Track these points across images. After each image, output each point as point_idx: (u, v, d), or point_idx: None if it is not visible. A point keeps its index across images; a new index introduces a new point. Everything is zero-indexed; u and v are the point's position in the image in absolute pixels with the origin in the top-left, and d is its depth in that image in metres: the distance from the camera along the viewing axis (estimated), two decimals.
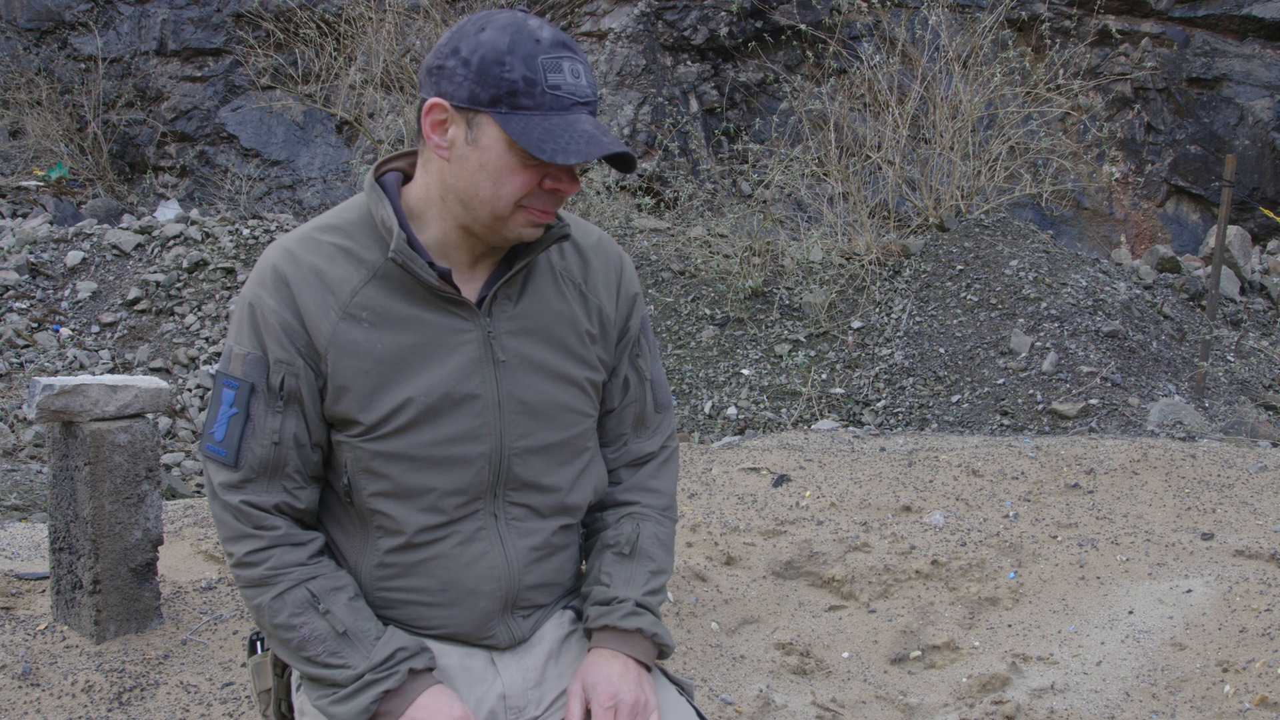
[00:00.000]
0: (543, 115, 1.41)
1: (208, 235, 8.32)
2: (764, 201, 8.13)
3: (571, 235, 1.63)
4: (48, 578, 3.06)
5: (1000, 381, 6.04)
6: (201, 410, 6.91)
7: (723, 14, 10.51)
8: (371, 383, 1.50)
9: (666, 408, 1.79)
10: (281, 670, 1.67)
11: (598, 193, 8.48)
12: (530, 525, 1.61)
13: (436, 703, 1.46)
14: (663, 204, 9.53)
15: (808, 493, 4.15)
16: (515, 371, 1.56)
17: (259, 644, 1.69)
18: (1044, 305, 6.53)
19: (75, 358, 7.33)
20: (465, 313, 1.54)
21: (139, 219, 9.43)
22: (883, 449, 4.60)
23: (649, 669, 1.62)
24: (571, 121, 1.42)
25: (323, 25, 10.28)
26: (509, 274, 1.55)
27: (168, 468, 6.21)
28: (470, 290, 1.56)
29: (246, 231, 8.31)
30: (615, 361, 1.70)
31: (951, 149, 8.13)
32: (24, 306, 7.77)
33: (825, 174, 8.09)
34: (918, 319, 6.76)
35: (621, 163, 1.48)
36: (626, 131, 10.36)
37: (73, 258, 8.17)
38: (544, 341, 1.59)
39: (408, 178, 1.58)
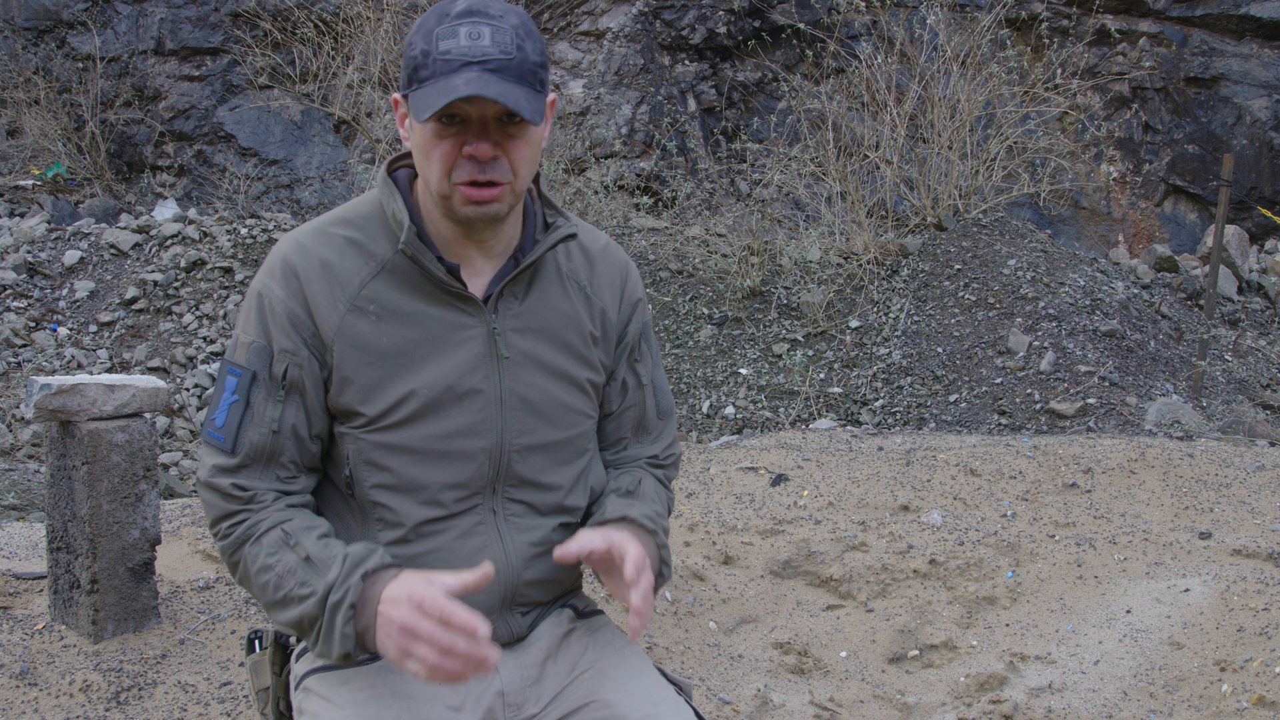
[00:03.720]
0: (434, 82, 1.41)
1: (205, 234, 8.32)
2: (762, 201, 8.13)
3: (579, 238, 1.65)
4: (45, 577, 3.05)
5: (998, 381, 6.05)
6: (199, 410, 6.91)
7: (721, 13, 10.51)
8: (376, 375, 1.51)
9: (669, 415, 1.79)
10: (280, 668, 1.67)
11: (595, 192, 8.48)
12: (528, 522, 1.61)
13: (396, 592, 1.38)
14: (661, 203, 9.53)
15: (805, 492, 4.15)
16: (518, 369, 1.57)
17: (257, 642, 1.70)
18: (1042, 305, 6.53)
19: (73, 357, 7.33)
20: (471, 308, 1.55)
21: (137, 218, 9.42)
22: (880, 448, 4.61)
23: None
24: (453, 80, 1.40)
25: (320, 24, 10.28)
26: (515, 271, 1.56)
27: (165, 467, 6.21)
28: (477, 286, 1.57)
29: (244, 231, 8.30)
30: (614, 365, 1.71)
31: (950, 148, 8.13)
32: (22, 306, 7.77)
33: (823, 173, 8.09)
34: (915, 318, 6.76)
35: (512, 106, 1.40)
36: (625, 131, 10.36)
37: (70, 257, 8.17)
38: (548, 340, 1.60)
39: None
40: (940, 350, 6.42)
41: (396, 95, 1.50)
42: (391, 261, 1.52)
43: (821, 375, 6.53)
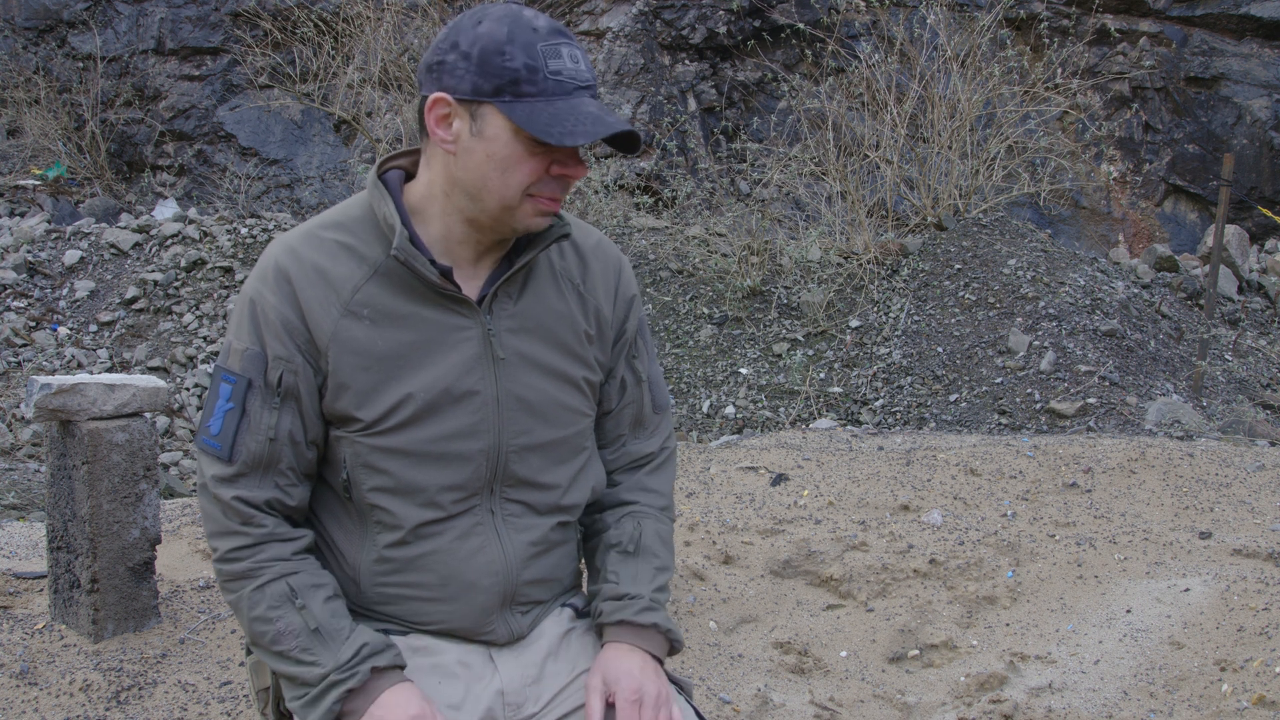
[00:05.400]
0: (546, 101, 1.42)
1: (206, 234, 8.32)
2: (762, 201, 8.13)
3: (572, 236, 1.64)
4: (45, 577, 3.05)
5: (998, 380, 6.05)
6: (199, 409, 6.90)
7: (721, 13, 10.51)
8: (372, 380, 1.51)
9: (665, 409, 1.79)
10: None
11: (596, 192, 8.48)
12: (526, 522, 1.61)
13: (397, 699, 1.46)
14: (661, 203, 9.53)
15: (805, 492, 4.15)
16: (514, 369, 1.57)
17: None
18: (1042, 304, 6.53)
19: (73, 357, 7.33)
20: (466, 310, 1.54)
21: (137, 218, 9.42)
22: (881, 448, 4.60)
23: (661, 663, 1.63)
24: (575, 105, 1.43)
25: (321, 24, 10.27)
26: (510, 272, 1.56)
27: (165, 466, 6.21)
28: (471, 288, 1.57)
29: (244, 230, 8.30)
30: (612, 363, 1.71)
31: (950, 148, 8.13)
32: (22, 305, 7.77)
33: (823, 173, 8.08)
34: (916, 318, 6.76)
35: (627, 143, 1.48)
36: None
37: (70, 257, 8.17)
38: (543, 340, 1.60)
39: (410, 175, 1.58)
40: (940, 350, 6.42)
41: (445, 96, 1.45)
42: (384, 265, 1.51)
43: (821, 375, 6.53)
